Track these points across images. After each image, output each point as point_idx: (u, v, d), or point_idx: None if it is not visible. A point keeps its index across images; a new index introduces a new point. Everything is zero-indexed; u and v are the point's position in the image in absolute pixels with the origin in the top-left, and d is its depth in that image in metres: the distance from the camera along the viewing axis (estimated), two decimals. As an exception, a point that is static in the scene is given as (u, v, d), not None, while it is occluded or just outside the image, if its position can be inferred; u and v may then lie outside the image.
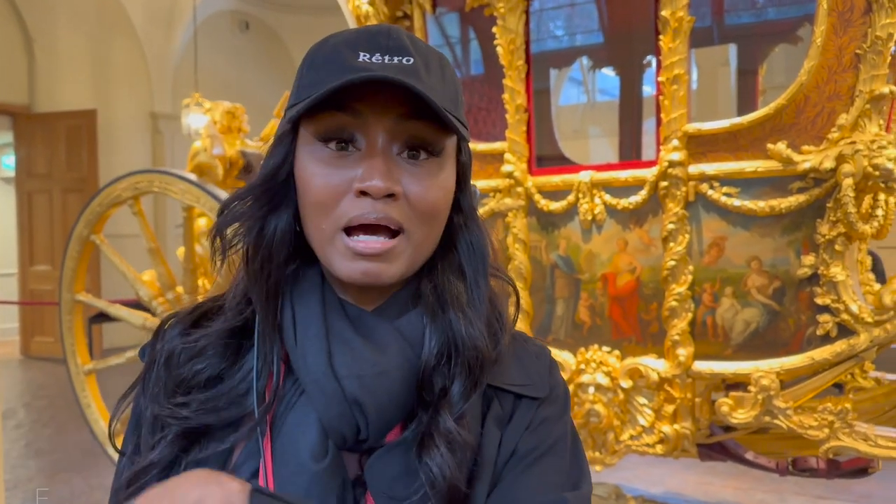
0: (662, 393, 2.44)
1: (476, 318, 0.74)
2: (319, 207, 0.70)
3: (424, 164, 0.71)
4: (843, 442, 2.25)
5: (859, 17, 2.11)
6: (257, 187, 0.74)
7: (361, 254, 0.68)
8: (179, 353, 0.75)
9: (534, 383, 0.79)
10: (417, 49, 0.70)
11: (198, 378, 0.74)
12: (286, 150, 0.73)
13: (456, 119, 0.70)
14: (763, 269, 2.27)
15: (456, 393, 0.71)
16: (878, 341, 2.18)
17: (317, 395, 0.68)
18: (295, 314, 0.72)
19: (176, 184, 3.33)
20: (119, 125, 8.92)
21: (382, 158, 0.68)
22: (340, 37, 0.71)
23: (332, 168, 0.69)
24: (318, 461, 0.68)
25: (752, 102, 3.66)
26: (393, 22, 2.88)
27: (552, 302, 2.68)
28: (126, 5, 8.80)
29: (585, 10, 3.95)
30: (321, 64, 0.70)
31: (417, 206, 0.70)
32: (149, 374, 0.77)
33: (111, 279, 7.04)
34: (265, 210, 0.74)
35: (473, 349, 0.72)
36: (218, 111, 3.72)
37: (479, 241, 0.77)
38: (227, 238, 0.76)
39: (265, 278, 0.73)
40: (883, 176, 2.06)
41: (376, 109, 0.68)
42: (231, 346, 0.75)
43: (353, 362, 0.69)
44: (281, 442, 0.70)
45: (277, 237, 0.73)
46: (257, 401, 0.71)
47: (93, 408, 3.76)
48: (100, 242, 3.65)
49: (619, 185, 2.47)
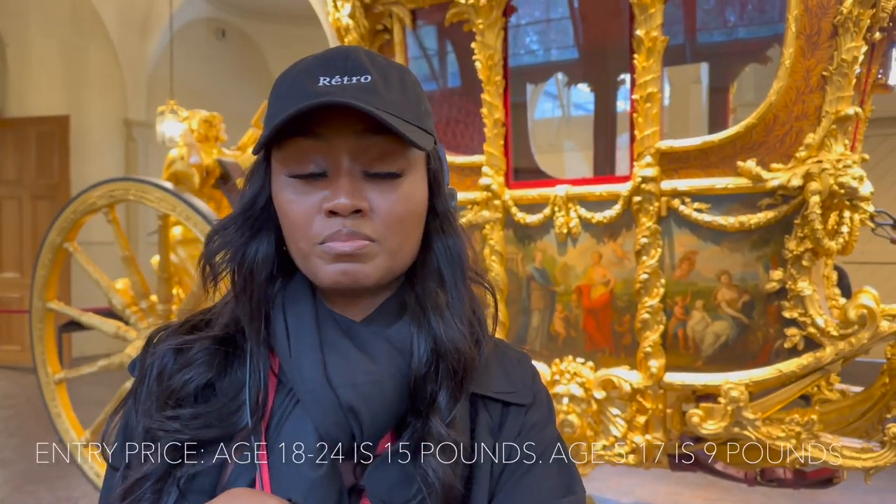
0: (635, 404, 2.48)
1: (457, 320, 0.76)
2: (296, 230, 0.73)
3: (390, 177, 0.74)
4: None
5: (826, 40, 2.18)
6: (238, 217, 0.79)
7: (338, 254, 0.71)
8: (171, 365, 0.77)
9: (518, 390, 0.82)
10: (376, 66, 0.73)
11: (188, 388, 0.75)
12: (261, 179, 0.78)
13: (420, 129, 0.73)
14: (733, 283, 2.33)
15: (444, 399, 0.74)
16: (843, 354, 2.24)
17: (313, 404, 0.71)
18: (288, 325, 0.75)
19: (152, 192, 3.32)
20: (92, 132, 8.82)
21: (347, 177, 0.71)
22: (302, 64, 0.75)
23: (302, 194, 0.73)
24: (316, 469, 0.70)
25: (723, 120, 3.74)
26: (372, 36, 2.91)
27: (528, 313, 2.72)
28: (101, 11, 8.73)
29: (561, 26, 4.01)
30: (285, 93, 0.73)
31: (386, 218, 0.73)
32: (140, 389, 0.78)
33: (81, 287, 6.96)
34: (246, 237, 0.78)
35: (455, 352, 0.75)
36: (195, 119, 3.72)
37: (457, 245, 0.80)
38: (216, 265, 0.79)
39: (248, 298, 0.76)
40: (848, 194, 2.13)
41: (338, 130, 0.72)
42: (219, 356, 0.77)
43: (347, 371, 0.71)
44: (277, 453, 0.71)
45: (259, 260, 0.77)
46: (250, 417, 0.73)
47: (63, 417, 3.70)
48: (73, 250, 3.61)
49: (593, 200, 2.52)
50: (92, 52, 8.93)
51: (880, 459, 2.24)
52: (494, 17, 2.58)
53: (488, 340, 0.81)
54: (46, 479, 4.37)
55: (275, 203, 0.76)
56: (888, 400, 2.38)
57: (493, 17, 2.58)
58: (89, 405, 3.94)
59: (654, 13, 2.31)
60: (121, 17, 8.89)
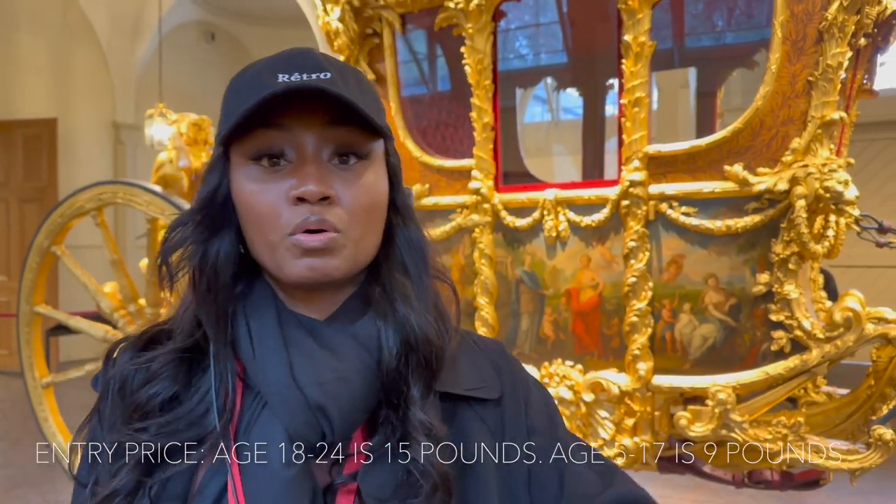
0: (623, 406, 2.50)
1: (424, 310, 0.77)
2: (263, 221, 0.73)
3: (354, 167, 0.75)
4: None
5: (811, 46, 2.21)
6: (197, 212, 0.77)
7: (306, 248, 0.71)
8: (133, 378, 0.76)
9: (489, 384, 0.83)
10: (333, 65, 0.74)
11: (153, 402, 0.74)
12: (220, 174, 0.76)
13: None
14: (720, 286, 2.35)
15: (418, 390, 0.74)
16: (829, 356, 2.26)
17: (280, 405, 0.71)
18: (251, 329, 0.74)
19: (140, 195, 3.31)
20: (80, 135, 8.78)
21: (314, 165, 0.72)
22: (258, 64, 0.75)
23: (267, 184, 0.73)
24: (287, 469, 0.69)
25: (710, 124, 3.77)
26: (362, 39, 2.91)
27: (517, 317, 2.73)
28: (89, 14, 8.69)
29: (550, 31, 4.03)
30: (242, 90, 0.73)
31: (351, 207, 0.73)
32: (104, 404, 0.77)
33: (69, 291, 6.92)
34: (206, 234, 0.76)
35: (426, 342, 0.75)
36: (184, 123, 3.71)
37: (418, 238, 0.82)
38: (172, 265, 0.78)
39: (213, 299, 0.75)
40: (833, 198, 2.15)
41: (302, 120, 0.72)
42: (183, 368, 0.76)
43: (312, 370, 0.71)
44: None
45: (221, 258, 0.76)
46: (218, 419, 0.72)
47: (50, 421, 3.69)
48: (61, 253, 3.60)
49: (582, 203, 2.53)
50: (80, 54, 8.89)
51: (866, 461, 2.26)
52: (484, 22, 2.59)
53: (454, 336, 0.82)
54: (35, 483, 4.34)
55: (236, 198, 0.75)
56: (873, 402, 2.41)
57: (483, 22, 2.59)
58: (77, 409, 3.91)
59: (641, 18, 2.33)
60: (110, 19, 8.86)
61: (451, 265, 2.84)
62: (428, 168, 2.84)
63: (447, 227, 2.79)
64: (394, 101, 2.91)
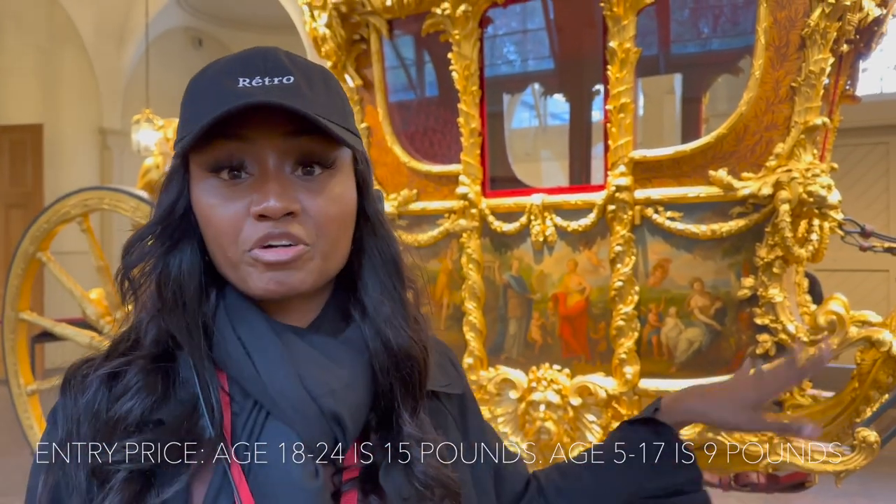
0: (610, 410, 2.51)
1: (402, 324, 0.76)
2: (222, 237, 0.70)
3: (319, 178, 0.72)
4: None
5: (794, 52, 2.23)
6: (155, 226, 0.74)
7: (271, 263, 0.69)
8: (104, 401, 0.71)
9: (453, 381, 0.88)
10: (297, 66, 0.71)
11: (130, 418, 0.69)
12: (179, 185, 0.74)
13: (347, 129, 0.72)
14: (705, 290, 2.36)
15: (407, 404, 0.75)
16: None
17: (297, 418, 0.69)
18: (243, 340, 0.71)
19: (127, 201, 3.30)
20: (66, 140, 8.73)
21: (275, 179, 0.69)
22: (218, 65, 0.72)
23: (227, 198, 0.70)
24: (313, 480, 0.68)
25: (695, 129, 3.80)
26: (349, 45, 2.92)
27: (505, 321, 2.73)
28: (76, 19, 8.66)
29: (538, 37, 4.06)
30: (202, 95, 0.70)
31: (318, 219, 0.71)
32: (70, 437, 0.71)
33: (55, 297, 6.86)
34: (166, 247, 0.73)
35: (408, 359, 0.75)
36: (171, 128, 3.70)
37: (390, 248, 0.79)
38: (135, 279, 0.75)
39: (181, 313, 0.72)
40: (817, 202, 2.17)
41: (263, 132, 0.69)
42: (157, 377, 0.72)
43: (322, 380, 0.70)
44: (261, 471, 0.68)
45: (185, 271, 0.73)
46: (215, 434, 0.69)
47: (35, 429, 3.65)
48: (46, 260, 3.57)
49: (569, 208, 2.54)
50: (67, 60, 8.85)
51: (850, 463, 2.28)
52: (471, 28, 2.60)
53: (430, 343, 0.81)
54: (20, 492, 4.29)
55: (196, 210, 0.72)
56: (858, 405, 2.43)
57: (470, 28, 2.60)
58: (62, 417, 3.88)
59: (626, 25, 2.34)
60: (96, 25, 8.82)
61: (439, 270, 2.85)
62: (415, 173, 2.85)
63: (435, 232, 2.80)
64: (381, 107, 2.91)
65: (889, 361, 2.34)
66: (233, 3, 9.43)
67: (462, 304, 2.76)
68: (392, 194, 2.92)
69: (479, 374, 2.72)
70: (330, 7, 2.83)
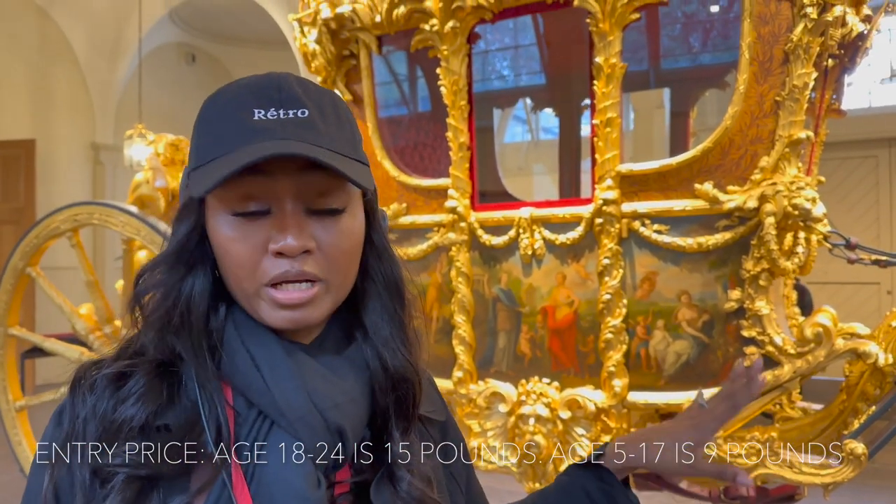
0: (599, 423, 2.51)
1: (401, 347, 0.79)
2: (240, 270, 0.72)
3: (333, 214, 0.74)
4: (770, 469, 2.34)
5: (778, 66, 2.26)
6: (171, 255, 0.75)
7: (285, 305, 0.72)
8: (109, 403, 0.72)
9: (437, 408, 0.90)
10: (310, 96, 0.72)
11: (133, 423, 0.70)
12: (195, 217, 0.75)
13: (356, 160, 0.74)
14: (692, 302, 2.37)
15: (400, 425, 0.78)
16: (800, 372, 2.29)
17: (304, 430, 0.70)
18: (254, 356, 0.73)
19: (116, 216, 3.30)
20: (59, 156, 8.73)
21: (293, 217, 0.71)
22: (231, 93, 0.73)
23: (245, 233, 0.72)
24: (316, 490, 0.70)
25: (683, 143, 3.83)
26: (339, 61, 2.94)
27: (494, 335, 2.74)
28: (69, 35, 8.69)
29: (528, 53, 4.09)
30: (218, 124, 0.72)
31: (331, 254, 0.73)
32: (75, 436, 0.72)
33: (46, 312, 6.84)
34: (181, 274, 0.75)
35: (404, 381, 0.78)
36: (161, 143, 3.71)
37: (393, 274, 0.82)
38: (145, 305, 0.76)
39: (188, 331, 0.73)
40: (801, 215, 2.19)
41: (280, 168, 0.71)
42: (161, 385, 0.73)
43: (328, 393, 0.72)
44: (264, 482, 0.69)
45: (195, 294, 0.74)
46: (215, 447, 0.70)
47: (24, 445, 3.63)
48: (36, 275, 3.57)
49: (557, 222, 2.56)
50: (59, 75, 8.86)
51: (838, 475, 2.28)
52: (459, 44, 2.62)
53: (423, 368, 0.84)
54: (7, 510, 4.26)
55: (213, 241, 0.74)
56: (846, 417, 2.43)
57: (458, 44, 2.62)
58: (52, 433, 3.85)
59: (612, 41, 2.37)
60: (89, 40, 8.85)
61: (429, 283, 2.85)
62: (405, 187, 2.86)
63: (424, 246, 2.80)
64: (370, 122, 2.93)
65: (876, 374, 2.35)
66: (226, 19, 9.47)
67: (451, 318, 2.76)
68: (382, 208, 2.93)
69: (468, 388, 2.72)
70: (320, 23, 2.86)
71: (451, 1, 2.54)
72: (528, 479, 2.64)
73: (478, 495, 0.96)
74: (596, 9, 2.35)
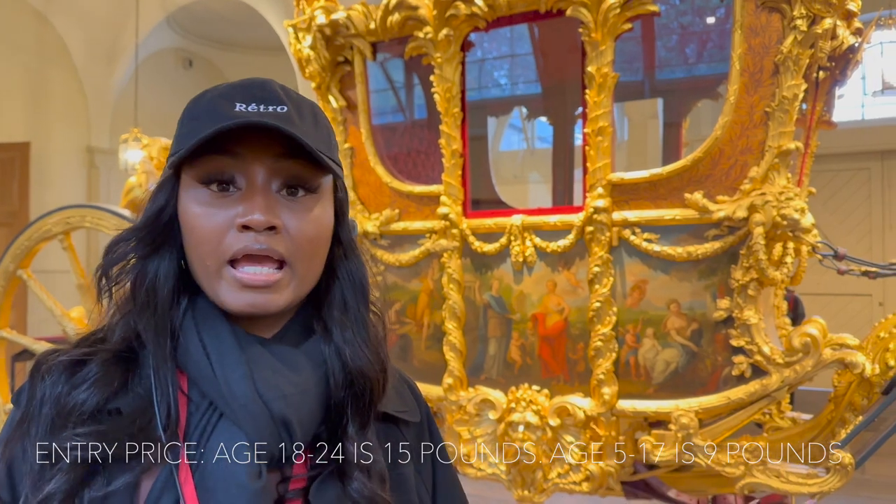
0: (588, 431, 2.51)
1: (363, 347, 0.80)
2: (204, 244, 0.74)
3: (302, 200, 0.77)
4: (758, 479, 2.35)
5: (768, 78, 2.27)
6: (141, 229, 0.78)
7: (248, 285, 0.73)
8: (64, 387, 0.73)
9: (410, 409, 0.90)
10: (290, 98, 0.76)
11: (86, 406, 0.72)
12: (168, 194, 0.78)
13: (329, 159, 0.76)
14: (681, 311, 2.38)
15: (356, 422, 0.78)
16: (788, 381, 2.29)
17: (246, 419, 0.71)
18: (205, 344, 0.74)
19: (109, 219, 3.29)
20: (54, 159, 8.71)
21: (262, 195, 0.74)
22: (217, 90, 0.77)
23: (214, 208, 0.74)
24: (256, 480, 0.70)
25: (676, 153, 3.84)
26: (333, 67, 2.95)
27: (485, 341, 2.74)
28: (66, 38, 8.68)
29: (524, 62, 4.11)
30: (199, 115, 0.75)
31: (297, 238, 0.75)
32: (30, 417, 0.73)
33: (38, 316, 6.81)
34: (148, 250, 0.77)
35: (362, 377, 0.79)
36: (155, 147, 3.70)
37: (359, 272, 0.84)
38: (112, 276, 0.78)
39: (151, 313, 0.75)
40: (790, 225, 2.20)
41: (254, 151, 0.74)
42: (117, 371, 0.74)
43: (275, 384, 0.73)
44: (207, 469, 0.70)
45: (161, 277, 0.76)
46: (164, 433, 0.71)
47: (12, 449, 3.61)
48: (27, 278, 3.55)
49: (548, 229, 2.57)
50: (56, 79, 8.85)
51: (826, 485, 2.29)
52: (452, 52, 2.63)
53: (390, 368, 0.85)
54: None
55: (181, 218, 0.76)
56: (834, 427, 2.45)
57: (452, 52, 2.63)
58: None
59: (604, 50, 2.38)
60: (86, 44, 8.85)
61: (420, 290, 2.86)
62: (398, 193, 2.87)
63: (416, 252, 2.81)
64: (364, 128, 2.94)
65: (864, 384, 2.36)
66: (223, 25, 9.49)
67: (442, 324, 2.77)
68: (374, 214, 2.94)
69: (458, 395, 2.72)
70: (314, 29, 2.87)
71: (445, 9, 2.56)
72: (517, 487, 2.64)
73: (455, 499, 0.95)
74: (588, 18, 2.37)
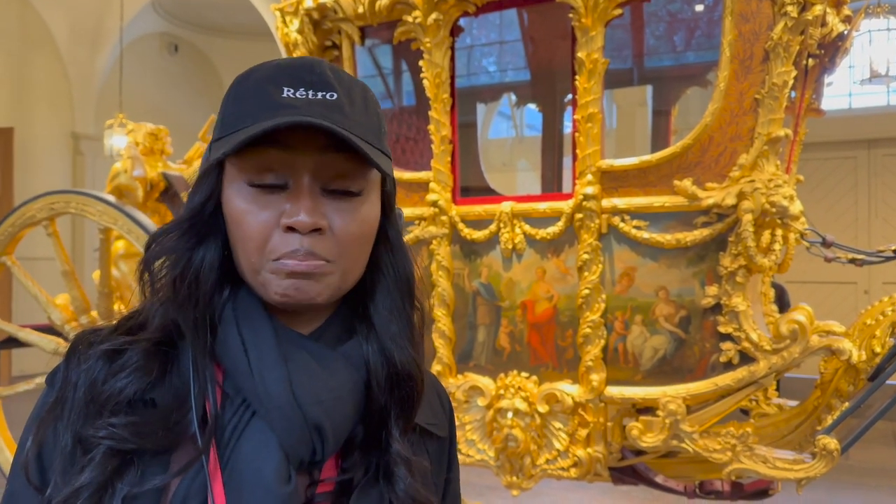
0: (577, 417, 2.52)
1: (406, 344, 0.77)
2: (249, 241, 0.71)
3: (349, 198, 0.73)
4: (745, 465, 2.36)
5: (758, 65, 2.27)
6: (185, 221, 0.75)
7: (293, 271, 0.70)
8: (102, 372, 0.71)
9: (440, 422, 0.87)
10: (341, 82, 0.72)
11: (123, 395, 0.69)
12: (212, 185, 0.74)
13: (379, 150, 0.73)
14: (670, 298, 2.39)
15: (400, 424, 0.76)
16: (775, 368, 2.31)
17: (279, 421, 0.69)
18: (244, 339, 0.72)
19: (93, 205, 3.26)
20: (38, 145, 8.62)
21: (309, 194, 0.70)
22: (264, 70, 0.73)
23: (259, 205, 0.71)
24: (285, 484, 0.68)
25: (665, 141, 3.84)
26: (321, 51, 2.92)
27: (474, 328, 2.74)
28: (49, 23, 8.58)
29: (513, 49, 4.09)
30: (246, 98, 0.71)
31: (343, 238, 0.72)
32: (65, 401, 0.71)
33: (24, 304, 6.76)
34: (192, 243, 0.74)
35: (409, 378, 0.76)
36: (140, 133, 3.67)
37: (404, 269, 0.80)
38: (155, 271, 0.75)
39: (193, 305, 0.72)
40: (779, 212, 2.21)
41: (301, 142, 0.70)
42: (156, 361, 0.72)
43: (312, 387, 0.71)
44: (237, 469, 0.69)
45: (205, 266, 0.73)
46: (199, 429, 0.69)
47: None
48: (11, 264, 3.52)
49: (537, 216, 2.56)
50: (39, 63, 8.75)
51: (811, 471, 2.30)
52: (442, 37, 2.61)
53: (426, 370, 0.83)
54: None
55: (226, 211, 0.73)
56: (820, 413, 2.46)
57: (441, 37, 2.61)
58: (26, 424, 3.81)
59: (594, 36, 2.37)
60: (70, 29, 8.74)
61: (409, 277, 2.84)
62: (386, 180, 2.85)
63: (405, 239, 2.79)
64: (352, 114, 2.91)
65: (850, 370, 2.38)
66: (209, 10, 9.40)
67: (431, 312, 2.76)
68: (398, 207, 2.91)
69: (447, 382, 2.72)
70: (302, 13, 2.84)
71: (435, -7, 2.54)
72: (505, 473, 2.64)
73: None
74: (578, 4, 2.35)
